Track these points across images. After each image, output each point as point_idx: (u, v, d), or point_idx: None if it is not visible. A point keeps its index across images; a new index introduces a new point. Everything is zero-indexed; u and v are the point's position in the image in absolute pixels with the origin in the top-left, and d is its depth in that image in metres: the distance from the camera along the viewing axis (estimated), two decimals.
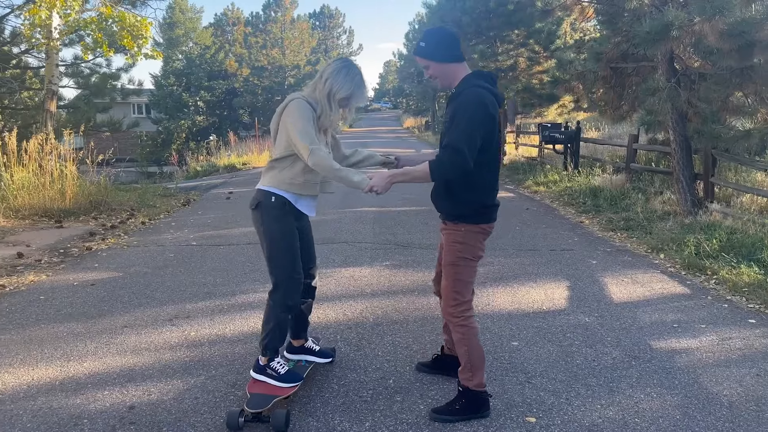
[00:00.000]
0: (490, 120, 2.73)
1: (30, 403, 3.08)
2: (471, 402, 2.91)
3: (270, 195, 2.95)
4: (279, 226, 2.95)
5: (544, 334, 4.04)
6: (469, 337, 2.88)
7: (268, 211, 2.95)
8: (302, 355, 3.35)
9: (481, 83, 2.80)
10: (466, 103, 2.72)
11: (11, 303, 4.74)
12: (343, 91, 2.90)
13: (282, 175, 2.95)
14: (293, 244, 2.98)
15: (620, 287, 5.14)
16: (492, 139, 2.79)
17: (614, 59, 9.65)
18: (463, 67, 2.89)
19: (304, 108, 2.87)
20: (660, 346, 3.82)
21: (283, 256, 2.96)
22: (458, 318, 2.88)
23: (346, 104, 2.98)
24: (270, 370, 2.99)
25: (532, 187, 12.38)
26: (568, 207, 9.80)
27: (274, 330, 2.99)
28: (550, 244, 6.87)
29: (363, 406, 3.03)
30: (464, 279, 2.90)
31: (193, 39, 44.57)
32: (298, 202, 3.00)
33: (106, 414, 2.96)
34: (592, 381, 3.33)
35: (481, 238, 2.90)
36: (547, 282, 5.28)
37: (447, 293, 2.92)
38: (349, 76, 2.92)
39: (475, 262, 2.92)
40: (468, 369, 2.90)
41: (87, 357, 3.67)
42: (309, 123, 2.83)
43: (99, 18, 8.79)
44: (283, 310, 2.98)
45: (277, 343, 3.03)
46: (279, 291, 2.97)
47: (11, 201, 8.11)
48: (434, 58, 2.85)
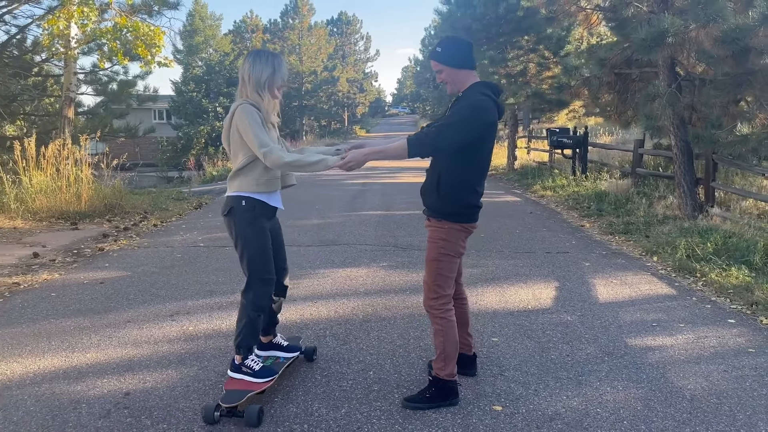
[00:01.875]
0: (485, 127, 2.92)
1: (34, 389, 3.32)
2: (441, 390, 3.09)
3: (240, 199, 3.06)
4: (251, 229, 3.06)
5: (524, 331, 4.20)
6: (447, 328, 3.05)
7: (240, 216, 3.06)
8: (271, 351, 3.47)
9: (487, 92, 2.97)
10: (467, 105, 2.91)
11: (24, 299, 5.02)
12: (265, 72, 3.01)
13: (248, 179, 3.07)
14: (265, 246, 3.11)
15: (608, 288, 5.28)
16: (486, 144, 2.99)
17: (618, 65, 9.76)
18: (473, 75, 3.07)
19: (251, 112, 2.97)
20: (635, 344, 3.97)
21: (255, 258, 3.07)
22: (438, 310, 3.06)
23: (272, 82, 3.05)
24: (245, 368, 3.12)
25: (540, 192, 12.50)
26: (572, 211, 9.92)
27: (247, 328, 3.11)
28: (547, 246, 7.01)
29: (341, 395, 3.23)
30: (445, 274, 3.06)
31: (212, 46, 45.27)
32: (270, 199, 3.14)
33: (103, 399, 3.19)
34: (563, 374, 3.49)
35: (463, 236, 3.08)
36: (536, 283, 5.44)
37: (428, 287, 3.09)
38: (259, 59, 3.05)
39: (456, 258, 3.09)
40: (442, 359, 3.08)
41: (90, 349, 3.91)
42: (259, 125, 2.95)
43: (114, 28, 9.14)
44: (254, 309, 3.09)
45: (250, 341, 3.15)
46: (251, 291, 3.09)
47: (30, 204, 8.46)
48: (448, 64, 3.04)
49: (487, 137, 2.99)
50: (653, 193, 10.10)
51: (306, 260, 6.29)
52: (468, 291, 5.10)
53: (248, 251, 3.07)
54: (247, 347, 3.14)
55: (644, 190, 10.40)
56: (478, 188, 3.07)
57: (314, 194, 11.86)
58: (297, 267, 5.98)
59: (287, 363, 3.40)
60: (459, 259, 3.13)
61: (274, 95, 3.12)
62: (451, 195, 3.00)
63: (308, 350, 3.69)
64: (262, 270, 3.10)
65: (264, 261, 3.10)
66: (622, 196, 10.21)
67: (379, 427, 2.90)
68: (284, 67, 3.12)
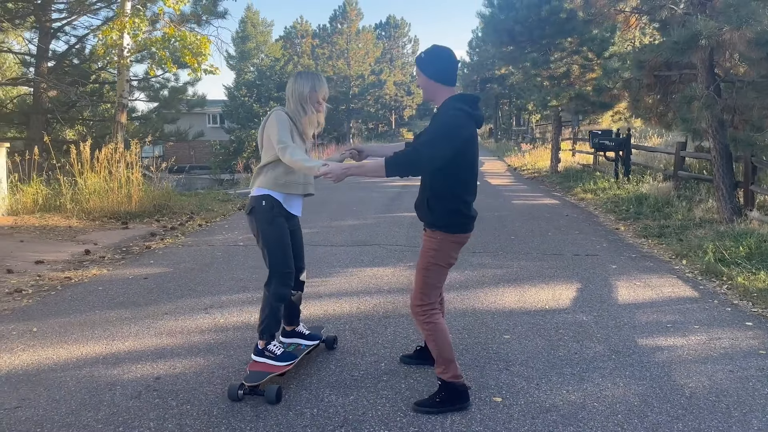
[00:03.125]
0: (462, 142, 2.99)
1: (76, 372, 3.66)
2: (451, 394, 3.12)
3: (261, 199, 3.37)
4: (272, 227, 3.37)
5: (537, 329, 4.33)
6: (436, 332, 3.13)
7: (262, 215, 3.37)
8: (294, 338, 3.78)
9: (461, 107, 3.05)
10: (442, 123, 3.00)
11: (74, 292, 5.44)
12: (306, 88, 3.34)
13: (267, 177, 3.38)
14: (285, 242, 3.41)
15: (629, 290, 5.33)
16: (466, 158, 3.06)
17: (658, 67, 9.68)
18: (448, 90, 3.14)
19: (282, 117, 3.32)
20: (645, 343, 4.05)
21: (276, 253, 3.37)
22: (423, 316, 3.16)
23: (314, 97, 3.36)
24: (268, 352, 3.42)
25: (580, 195, 12.45)
26: (610, 214, 9.88)
27: (269, 317, 3.40)
28: (577, 249, 7.06)
29: (352, 383, 3.45)
30: (433, 283, 3.17)
31: (264, 52, 46.31)
32: (286, 202, 3.42)
33: (135, 382, 3.50)
34: (567, 370, 3.62)
35: (454, 247, 3.18)
36: (558, 284, 5.53)
37: (415, 293, 3.20)
38: (300, 78, 3.40)
39: (446, 268, 3.19)
40: (441, 363, 3.15)
41: (129, 338, 4.25)
42: (284, 128, 3.26)
43: (163, 38, 9.64)
44: (276, 299, 3.39)
45: (272, 329, 3.44)
46: (272, 283, 3.39)
47: (84, 204, 9.01)
48: (427, 74, 3.14)
49: (466, 151, 3.05)
50: (694, 196, 9.96)
51: (337, 259, 6.55)
52: (488, 291, 5.30)
53: (269, 247, 3.37)
54: (269, 333, 3.42)
55: (685, 194, 10.26)
56: (468, 198, 3.14)
57: (354, 196, 12.15)
58: (327, 266, 6.24)
59: (308, 350, 3.69)
60: (448, 269, 3.22)
61: (317, 107, 3.42)
62: (440, 208, 3.10)
63: (329, 339, 3.99)
64: (282, 264, 3.39)
65: (283, 255, 3.39)
66: (662, 200, 10.10)
67: (382, 413, 3.10)
68: (324, 83, 3.45)
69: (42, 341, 4.18)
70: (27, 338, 4.24)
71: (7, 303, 5.13)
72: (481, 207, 10.61)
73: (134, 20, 9.09)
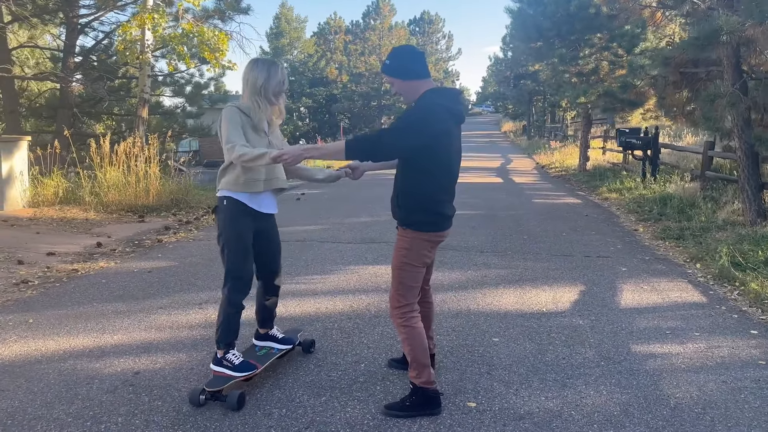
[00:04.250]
0: (431, 136, 2.84)
1: (60, 364, 3.70)
2: (421, 399, 3.03)
3: (222, 199, 3.21)
4: (233, 227, 3.19)
5: (528, 333, 4.22)
6: (412, 336, 3.01)
7: (224, 214, 3.21)
8: (267, 341, 3.65)
9: (438, 100, 2.90)
10: (413, 112, 2.86)
11: (77, 285, 5.52)
12: (259, 79, 3.13)
13: (228, 178, 3.21)
14: (245, 245, 3.23)
15: (634, 294, 5.16)
16: (440, 154, 2.93)
17: (684, 63, 9.36)
18: (426, 83, 2.99)
19: (230, 114, 3.12)
20: (638, 350, 3.91)
21: (233, 256, 3.20)
22: (401, 319, 3.04)
23: (268, 90, 3.16)
24: (226, 361, 3.25)
25: (604, 194, 12.17)
26: (632, 215, 9.63)
27: (224, 323, 3.25)
28: (589, 250, 6.88)
29: (327, 384, 3.40)
30: (407, 283, 3.04)
31: (297, 48, 46.61)
32: (252, 201, 3.24)
33: (114, 377, 3.52)
34: (551, 376, 3.50)
35: (427, 246, 3.05)
36: (561, 286, 5.39)
37: (392, 294, 3.10)
38: (255, 67, 3.17)
39: (420, 267, 3.06)
40: (414, 367, 3.04)
41: (119, 331, 4.28)
42: (234, 126, 3.08)
43: (182, 33, 9.74)
44: (229, 305, 3.23)
45: (228, 337, 3.28)
46: (226, 287, 3.24)
47: (102, 197, 9.17)
48: (398, 76, 2.99)
49: (437, 146, 2.90)
50: (720, 197, 9.63)
51: (341, 256, 6.51)
52: (487, 291, 5.19)
53: (227, 248, 3.22)
54: (225, 342, 3.27)
55: (711, 195, 9.93)
56: (443, 197, 3.02)
57: (371, 193, 12.09)
58: (330, 263, 6.21)
59: (279, 354, 3.58)
60: (423, 268, 3.10)
61: (271, 101, 3.22)
62: (411, 205, 2.99)
63: (306, 343, 3.85)
64: (238, 268, 3.22)
65: (240, 260, 3.21)
66: (687, 201, 9.79)
67: (351, 416, 3.05)
68: (279, 74, 3.21)
69: (34, 332, 4.24)
70: (21, 329, 4.31)
71: (11, 294, 5.24)
72: (499, 206, 10.57)
73: (154, 15, 9.20)
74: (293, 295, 5.14)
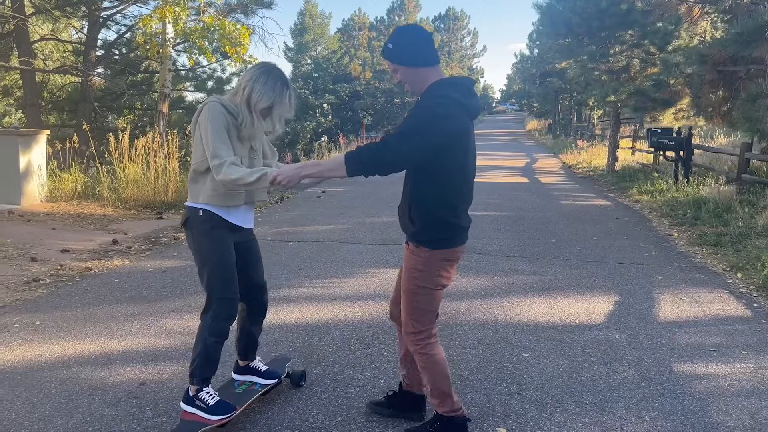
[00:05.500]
0: (446, 137, 2.42)
1: (63, 372, 3.51)
2: (445, 427, 2.71)
3: (197, 210, 2.74)
4: (209, 242, 2.73)
5: (561, 348, 3.93)
6: (431, 365, 2.66)
7: (197, 227, 2.74)
8: (248, 375, 3.15)
9: (448, 93, 2.47)
10: (420, 113, 2.43)
11: (90, 284, 5.35)
12: (263, 101, 2.65)
13: (205, 188, 2.71)
14: (226, 262, 2.75)
15: (673, 306, 4.84)
16: (456, 158, 2.50)
17: (722, 61, 8.97)
18: (434, 71, 2.56)
19: (216, 114, 2.63)
20: (681, 370, 3.60)
21: (213, 275, 2.73)
22: (417, 346, 2.66)
23: (267, 114, 2.73)
24: (199, 401, 2.77)
25: (635, 196, 11.76)
26: (664, 219, 9.23)
27: (202, 356, 2.76)
28: (622, 256, 6.55)
29: (343, 402, 3.16)
30: (423, 308, 2.63)
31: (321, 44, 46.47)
32: (229, 215, 2.77)
33: (118, 387, 3.31)
34: (587, 399, 3.22)
35: (445, 266, 2.61)
36: (594, 296, 5.08)
37: (405, 320, 2.68)
38: (268, 83, 2.66)
39: (436, 290, 2.63)
40: (436, 395, 2.70)
41: (128, 336, 4.08)
42: (218, 131, 2.61)
43: (202, 27, 9.57)
44: (211, 334, 2.75)
45: (205, 372, 2.79)
46: (209, 312, 2.76)
47: (121, 193, 9.04)
48: (402, 62, 2.53)
49: (454, 149, 2.48)
50: (758, 202, 9.19)
51: (360, 259, 6.26)
52: (515, 300, 4.91)
53: (207, 267, 2.74)
54: (201, 378, 2.79)
55: (748, 199, 9.49)
56: (462, 206, 2.61)
57: (396, 191, 11.82)
58: (349, 265, 5.97)
59: (263, 390, 3.07)
60: (441, 291, 2.67)
61: (274, 127, 2.80)
62: (424, 218, 2.54)
63: (295, 375, 3.32)
64: (222, 289, 2.74)
65: (224, 278, 2.74)
66: (723, 205, 9.37)
67: None
68: (287, 102, 2.72)
69: (40, 336, 4.07)
70: (27, 332, 4.14)
71: (21, 293, 5.08)
72: (525, 207, 10.23)
73: (174, 8, 9.05)
74: (310, 299, 4.91)
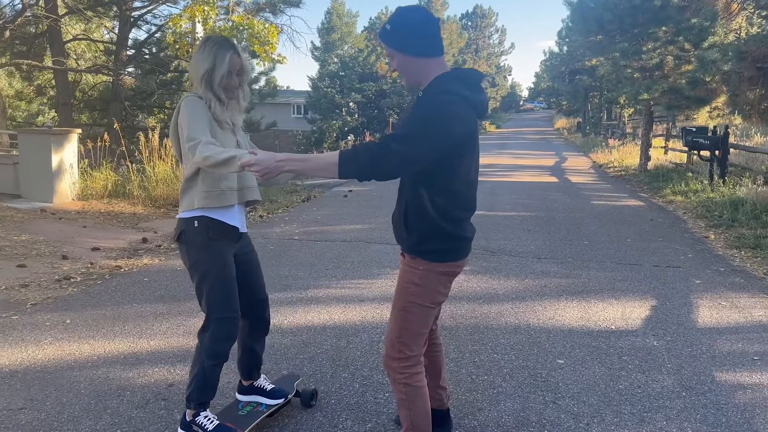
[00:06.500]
0: (453, 140, 2.12)
1: (92, 372, 3.50)
2: None
3: (192, 221, 2.52)
4: (207, 256, 2.52)
5: (597, 354, 3.80)
6: (413, 398, 2.34)
7: (193, 240, 2.53)
8: (252, 395, 2.95)
9: (456, 89, 2.16)
10: (426, 111, 2.12)
11: (119, 282, 5.37)
12: (203, 66, 2.46)
13: (198, 191, 2.51)
14: (226, 277, 2.56)
15: (713, 311, 4.67)
16: (463, 162, 2.21)
17: (761, 58, 8.69)
18: (437, 63, 2.24)
19: (193, 103, 2.47)
20: (724, 379, 3.45)
21: (213, 293, 2.53)
22: (401, 374, 2.33)
23: (211, 80, 2.48)
24: (196, 426, 2.59)
25: (669, 197, 11.48)
26: (700, 220, 8.98)
27: (199, 378, 2.58)
28: (657, 259, 6.37)
29: (373, 408, 3.09)
30: (414, 329, 2.34)
31: (348, 43, 46.52)
32: (228, 216, 2.57)
33: (146, 388, 3.29)
34: (626, 408, 3.10)
35: (444, 280, 2.34)
36: (630, 300, 4.93)
37: (390, 342, 2.38)
38: (205, 52, 2.48)
39: (432, 308, 2.36)
40: None
41: (156, 336, 4.07)
42: (197, 118, 2.43)
43: (231, 26, 9.59)
44: (209, 356, 2.56)
45: (203, 396, 2.61)
46: (207, 332, 2.57)
47: (151, 191, 9.10)
48: (401, 48, 2.21)
49: (461, 152, 2.19)
50: None
51: (389, 259, 6.19)
52: (548, 304, 4.78)
53: (205, 283, 2.53)
54: (198, 402, 2.60)
55: None
56: (464, 214, 2.31)
57: None
58: (377, 266, 5.91)
59: (269, 411, 2.88)
60: (435, 309, 2.41)
61: (218, 96, 2.51)
62: (425, 228, 2.25)
63: (305, 394, 3.08)
64: (222, 307, 2.55)
65: (224, 295, 2.54)
66: (762, 206, 9.08)
67: None
68: (228, 55, 2.48)
69: (70, 335, 4.07)
70: (57, 330, 4.15)
71: (53, 291, 5.12)
72: (555, 207, 10.06)
73: (204, 8, 9.08)
74: (338, 300, 4.85)
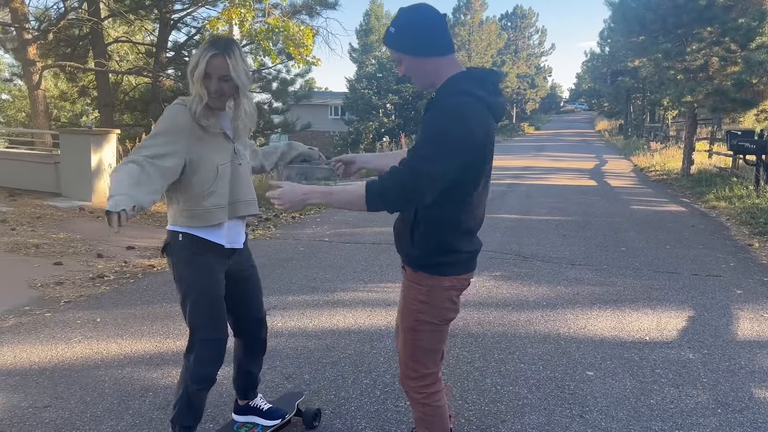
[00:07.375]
0: (472, 144, 1.94)
1: (117, 371, 3.53)
2: None
3: (177, 234, 2.36)
4: (191, 270, 2.35)
5: (629, 366, 3.67)
6: (434, 417, 2.24)
7: (177, 254, 2.37)
8: (249, 416, 2.81)
9: (471, 90, 1.98)
10: (444, 118, 1.94)
11: (151, 282, 5.44)
12: (191, 62, 2.25)
13: (180, 208, 2.35)
14: (211, 295, 2.38)
15: (754, 324, 4.47)
16: (477, 170, 2.02)
17: None
18: (448, 61, 2.06)
19: (168, 115, 2.31)
20: (763, 396, 3.29)
21: (196, 310, 2.36)
22: (419, 394, 2.22)
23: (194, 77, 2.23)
24: None
25: (712, 202, 11.12)
26: (744, 227, 8.66)
27: (182, 402, 2.42)
28: (697, 267, 6.15)
29: (393, 416, 3.03)
30: (426, 347, 2.20)
31: None
32: (215, 235, 2.38)
33: (169, 390, 3.29)
34: (656, 425, 2.97)
35: (452, 295, 2.17)
36: (666, 310, 4.76)
37: (404, 362, 2.25)
38: (196, 53, 2.27)
39: (442, 326, 2.20)
40: None
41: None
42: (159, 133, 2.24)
43: (267, 29, 9.66)
44: (193, 380, 2.38)
45: (187, 420, 2.44)
46: (191, 354, 2.40)
47: None
48: (408, 51, 2.04)
49: (483, 160, 2.02)
50: None
51: None
52: (580, 313, 4.66)
53: (188, 300, 2.36)
54: (182, 426, 2.44)
55: None
56: (473, 225, 2.12)
57: None
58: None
59: None
60: (447, 326, 2.25)
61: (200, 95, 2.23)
62: (431, 240, 2.08)
63: (308, 414, 2.91)
64: (206, 327, 2.38)
65: (209, 314, 2.37)
66: None
67: None
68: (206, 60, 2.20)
69: (100, 333, 4.13)
70: (88, 328, 4.22)
71: (86, 289, 5.22)
72: (593, 212, 9.84)
73: (240, 10, 9.17)
74: (364, 304, 4.81)
